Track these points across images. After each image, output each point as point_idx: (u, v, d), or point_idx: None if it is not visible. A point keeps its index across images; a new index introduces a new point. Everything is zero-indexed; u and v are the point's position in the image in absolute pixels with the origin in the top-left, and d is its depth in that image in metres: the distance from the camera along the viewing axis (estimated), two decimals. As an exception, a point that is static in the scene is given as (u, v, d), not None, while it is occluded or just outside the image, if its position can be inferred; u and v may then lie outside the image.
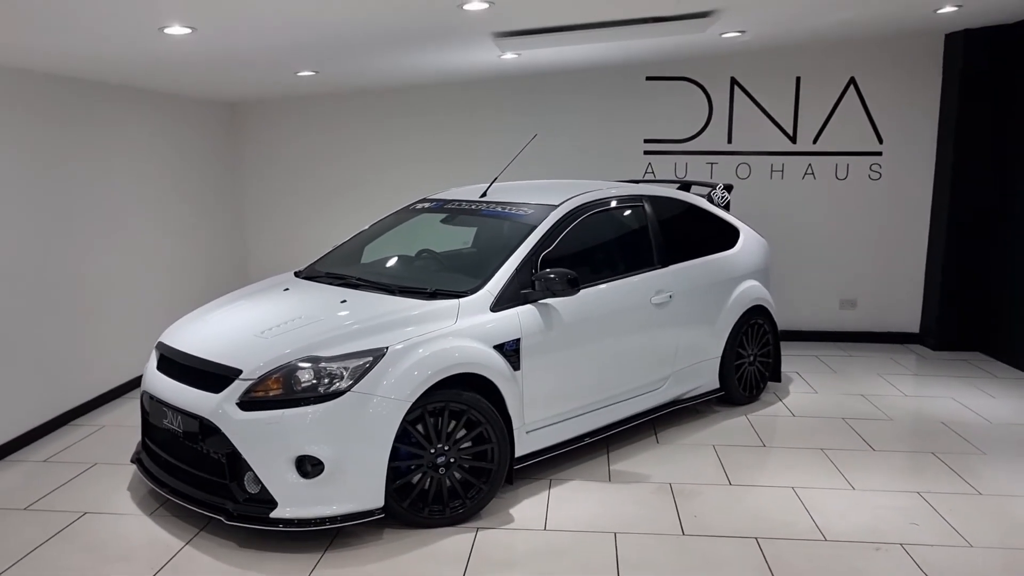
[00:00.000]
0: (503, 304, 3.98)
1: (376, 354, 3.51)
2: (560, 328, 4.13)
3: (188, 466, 3.70)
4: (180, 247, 6.50)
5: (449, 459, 3.64)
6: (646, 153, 7.26)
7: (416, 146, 7.41)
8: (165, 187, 6.26)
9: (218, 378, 3.55)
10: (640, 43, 5.56)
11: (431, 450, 3.60)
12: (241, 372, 3.50)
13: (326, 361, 3.48)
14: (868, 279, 7.24)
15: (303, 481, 3.39)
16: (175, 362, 3.85)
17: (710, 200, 5.60)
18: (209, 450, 3.54)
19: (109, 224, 5.51)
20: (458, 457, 3.68)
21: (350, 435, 3.40)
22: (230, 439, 3.41)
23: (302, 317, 3.87)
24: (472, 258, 4.78)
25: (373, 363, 3.48)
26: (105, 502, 3.94)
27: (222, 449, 3.46)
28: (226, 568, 3.32)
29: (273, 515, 3.38)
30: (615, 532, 3.62)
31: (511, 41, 5.00)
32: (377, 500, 3.46)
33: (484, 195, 4.91)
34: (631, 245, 4.84)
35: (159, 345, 4.08)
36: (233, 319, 4.07)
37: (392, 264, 4.82)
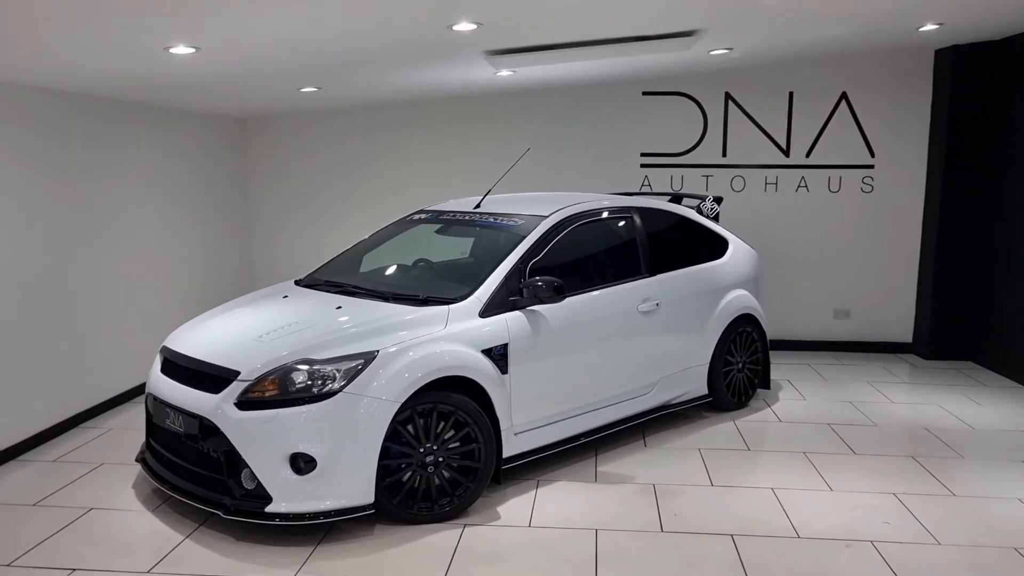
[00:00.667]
0: (492, 310, 4.15)
1: (367, 357, 3.69)
2: (547, 334, 4.28)
3: (189, 464, 3.88)
4: (190, 257, 6.72)
5: (438, 458, 3.80)
6: (643, 166, 7.42)
7: (418, 159, 7.61)
8: (176, 200, 6.49)
9: (217, 379, 3.74)
10: (635, 60, 5.71)
11: (420, 449, 3.76)
12: (239, 373, 3.68)
13: (320, 363, 3.65)
14: (861, 289, 7.35)
15: (297, 477, 3.55)
16: (177, 365, 4.03)
17: (700, 212, 5.74)
18: (208, 448, 3.72)
19: (122, 235, 5.74)
20: (446, 456, 3.83)
21: (342, 434, 3.57)
22: (228, 437, 3.59)
23: (299, 322, 4.05)
24: (464, 267, 4.94)
25: (365, 365, 3.65)
26: (110, 499, 4.13)
27: (220, 447, 3.63)
28: (223, 560, 3.49)
29: (268, 510, 3.55)
30: (596, 529, 3.76)
31: (503, 59, 5.20)
32: (367, 496, 3.62)
33: (478, 206, 5.09)
34: (619, 255, 4.99)
35: (163, 349, 4.27)
36: (233, 324, 4.26)
37: (388, 272, 5.00)
